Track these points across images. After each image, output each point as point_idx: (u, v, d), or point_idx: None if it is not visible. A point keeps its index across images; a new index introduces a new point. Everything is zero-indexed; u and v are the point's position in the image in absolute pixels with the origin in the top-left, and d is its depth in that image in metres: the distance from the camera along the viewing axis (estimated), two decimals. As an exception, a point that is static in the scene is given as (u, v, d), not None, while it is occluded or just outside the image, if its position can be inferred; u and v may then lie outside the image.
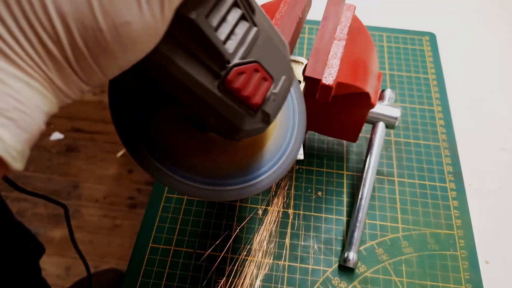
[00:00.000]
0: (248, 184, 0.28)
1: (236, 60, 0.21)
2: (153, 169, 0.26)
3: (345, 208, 0.45)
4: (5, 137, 0.15)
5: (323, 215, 0.45)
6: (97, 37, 0.16)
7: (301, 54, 0.60)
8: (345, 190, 0.47)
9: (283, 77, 0.24)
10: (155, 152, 0.26)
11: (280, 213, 0.44)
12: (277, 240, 0.43)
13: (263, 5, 0.45)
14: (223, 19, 0.20)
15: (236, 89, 0.21)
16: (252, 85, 0.22)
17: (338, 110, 0.41)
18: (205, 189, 0.27)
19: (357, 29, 0.42)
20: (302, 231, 0.43)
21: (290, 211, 0.45)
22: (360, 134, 0.49)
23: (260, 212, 0.44)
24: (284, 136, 0.31)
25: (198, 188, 0.27)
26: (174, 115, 0.23)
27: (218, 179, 0.28)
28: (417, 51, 0.60)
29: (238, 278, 0.40)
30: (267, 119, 0.24)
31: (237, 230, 0.43)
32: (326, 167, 0.48)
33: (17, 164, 0.16)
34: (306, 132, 0.49)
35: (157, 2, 0.17)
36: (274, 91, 0.23)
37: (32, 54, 0.16)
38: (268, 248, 0.42)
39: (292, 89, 0.32)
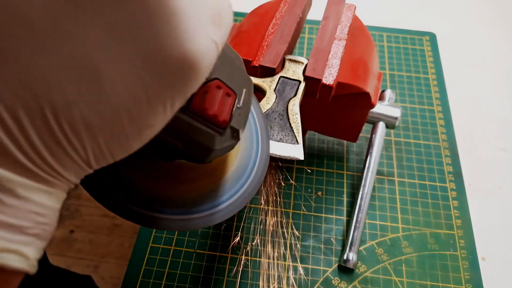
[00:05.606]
0: (221, 207, 0.27)
1: None
2: (125, 212, 0.25)
3: (345, 208, 0.45)
4: (29, 254, 0.15)
5: (323, 215, 0.45)
6: (121, 142, 0.16)
7: (301, 54, 0.60)
8: (345, 190, 0.47)
9: (244, 90, 0.24)
10: (130, 198, 0.25)
11: (280, 212, 0.44)
12: (277, 239, 0.43)
13: (263, 5, 0.45)
14: None
15: (202, 109, 0.21)
16: (217, 103, 0.21)
17: (338, 110, 0.41)
18: (173, 219, 0.26)
19: (357, 29, 0.42)
20: (302, 231, 0.43)
21: (290, 211, 0.45)
22: (360, 134, 0.49)
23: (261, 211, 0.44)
24: (249, 155, 0.30)
25: (167, 219, 0.26)
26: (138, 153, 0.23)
27: (186, 207, 0.26)
28: (417, 51, 0.60)
29: (238, 278, 0.40)
30: (236, 135, 0.24)
31: (236, 229, 0.43)
32: (326, 167, 0.48)
33: (35, 268, 0.16)
34: (305, 133, 0.49)
35: (179, 103, 0.17)
36: (238, 105, 0.23)
37: (56, 166, 0.15)
38: (267, 247, 0.42)
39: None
